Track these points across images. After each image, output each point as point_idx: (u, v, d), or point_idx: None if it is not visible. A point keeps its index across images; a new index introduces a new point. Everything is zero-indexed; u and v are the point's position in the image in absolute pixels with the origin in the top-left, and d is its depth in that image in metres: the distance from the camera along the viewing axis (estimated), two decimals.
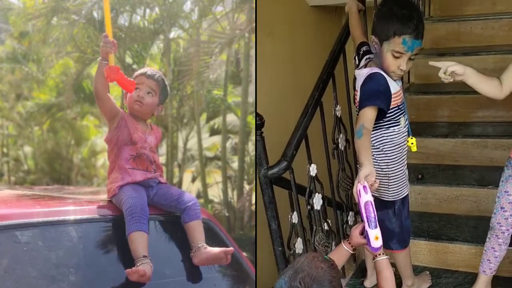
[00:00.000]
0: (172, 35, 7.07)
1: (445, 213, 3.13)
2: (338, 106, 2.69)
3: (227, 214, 6.67)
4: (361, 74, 2.17)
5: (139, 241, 1.82)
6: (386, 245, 2.48)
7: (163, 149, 7.26)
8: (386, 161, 2.27)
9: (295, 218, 2.35)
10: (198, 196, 7.05)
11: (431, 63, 2.14)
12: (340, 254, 1.91)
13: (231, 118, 7.31)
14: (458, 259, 2.85)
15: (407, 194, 2.41)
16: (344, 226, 2.87)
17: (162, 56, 7.14)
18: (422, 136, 3.37)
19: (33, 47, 7.67)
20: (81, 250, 1.80)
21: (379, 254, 1.82)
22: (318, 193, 2.45)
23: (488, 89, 2.16)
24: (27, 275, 1.66)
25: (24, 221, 1.76)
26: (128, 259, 1.79)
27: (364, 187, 1.78)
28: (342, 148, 2.72)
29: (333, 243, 2.63)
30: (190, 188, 7.65)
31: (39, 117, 8.12)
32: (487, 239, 2.42)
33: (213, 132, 7.81)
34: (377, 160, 2.25)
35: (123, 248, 1.83)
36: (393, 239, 2.44)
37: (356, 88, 2.25)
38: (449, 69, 2.08)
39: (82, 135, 8.67)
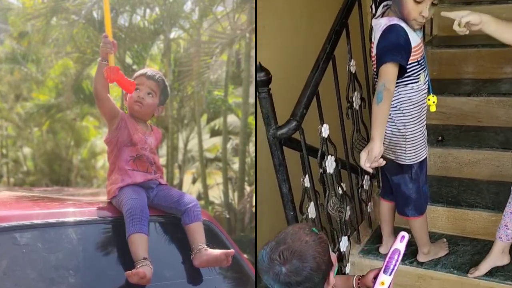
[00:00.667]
0: (172, 35, 7.09)
1: (465, 177, 2.95)
2: (353, 60, 2.45)
3: (227, 216, 6.67)
4: (379, 24, 2.02)
5: (139, 243, 1.81)
6: (402, 211, 2.40)
7: (163, 150, 7.26)
8: (403, 120, 2.14)
9: (307, 182, 2.22)
10: (199, 197, 7.04)
11: (443, 13, 1.94)
12: (347, 284, 1.77)
13: (231, 119, 7.32)
14: (478, 227, 2.70)
15: (426, 158, 2.29)
16: (359, 190, 2.71)
17: (163, 57, 7.14)
18: (444, 95, 3.12)
19: (32, 48, 7.67)
20: (80, 252, 1.79)
21: None
22: (331, 156, 2.29)
23: (511, 37, 1.93)
24: (26, 277, 1.64)
25: (23, 222, 1.75)
26: (128, 261, 1.78)
27: (403, 237, 1.67)
28: (357, 108, 2.51)
29: (348, 208, 2.49)
30: (190, 190, 7.65)
31: (38, 118, 8.13)
32: (507, 204, 2.25)
33: (214, 133, 7.82)
34: (394, 119, 2.13)
35: (123, 250, 1.81)
36: (409, 206, 2.35)
37: (373, 40, 2.10)
38: (463, 20, 1.87)
39: (82, 136, 8.69)
